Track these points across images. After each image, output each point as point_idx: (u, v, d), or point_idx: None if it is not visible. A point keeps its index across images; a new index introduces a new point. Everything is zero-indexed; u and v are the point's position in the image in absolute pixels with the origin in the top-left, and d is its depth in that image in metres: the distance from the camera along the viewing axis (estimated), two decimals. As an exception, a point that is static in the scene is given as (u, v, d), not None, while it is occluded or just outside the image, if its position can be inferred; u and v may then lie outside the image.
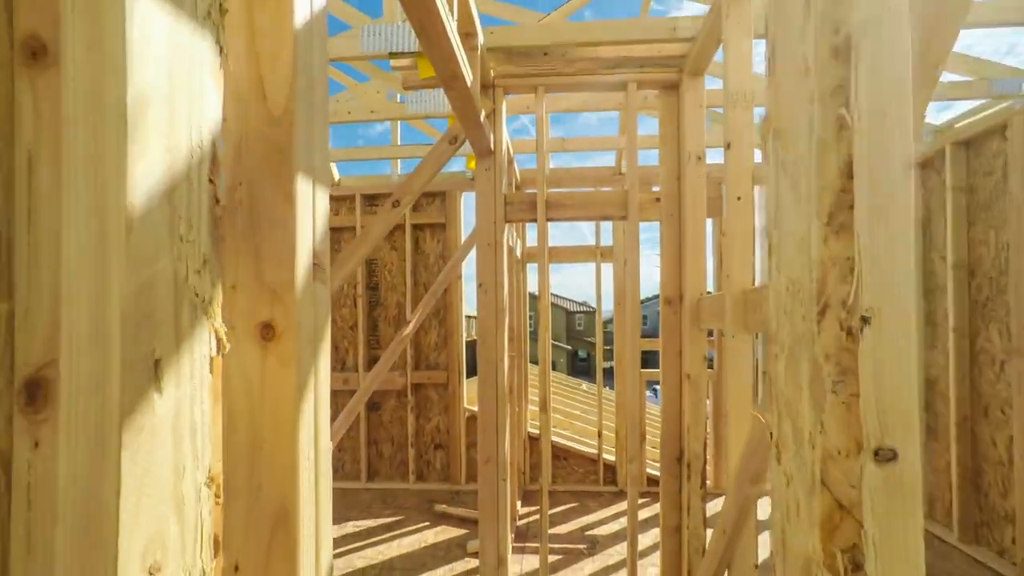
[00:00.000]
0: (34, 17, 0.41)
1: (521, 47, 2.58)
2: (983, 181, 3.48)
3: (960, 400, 3.57)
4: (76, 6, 0.36)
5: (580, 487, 4.94)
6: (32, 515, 0.39)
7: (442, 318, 5.10)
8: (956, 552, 3.48)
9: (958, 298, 3.59)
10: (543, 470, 3.00)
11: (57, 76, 0.40)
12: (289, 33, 0.67)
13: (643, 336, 3.64)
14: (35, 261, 0.40)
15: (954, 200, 3.61)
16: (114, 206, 0.35)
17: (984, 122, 3.39)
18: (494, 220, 2.70)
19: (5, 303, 0.41)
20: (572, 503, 4.57)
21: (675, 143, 2.70)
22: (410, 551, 3.68)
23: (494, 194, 2.69)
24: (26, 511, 0.40)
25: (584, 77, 2.74)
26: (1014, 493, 3.16)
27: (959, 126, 3.59)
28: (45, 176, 0.41)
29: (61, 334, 0.39)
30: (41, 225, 0.40)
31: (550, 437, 3.93)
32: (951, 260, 3.61)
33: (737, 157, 1.84)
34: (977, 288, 3.53)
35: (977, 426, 3.52)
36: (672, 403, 2.74)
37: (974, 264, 3.55)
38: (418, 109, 3.24)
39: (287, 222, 0.66)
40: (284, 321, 0.66)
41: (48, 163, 0.41)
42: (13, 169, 0.41)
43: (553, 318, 25.14)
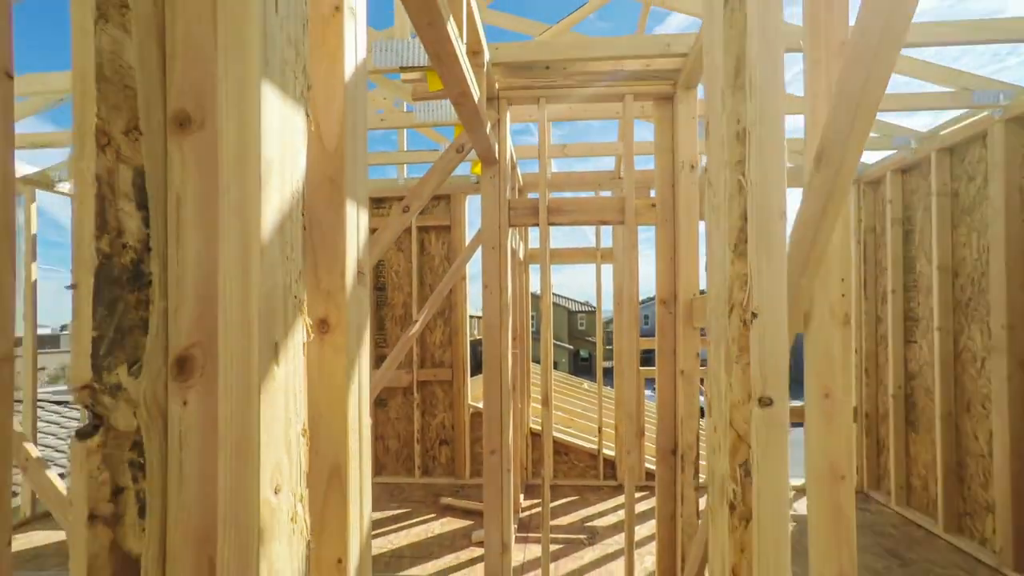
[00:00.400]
0: (181, 98, 0.57)
1: (524, 62, 2.75)
2: (966, 186, 3.64)
3: (944, 396, 3.72)
4: (228, 97, 0.52)
5: (580, 481, 5.10)
6: (183, 453, 0.56)
7: (447, 317, 5.27)
8: (940, 541, 3.63)
9: (942, 298, 3.75)
10: (545, 463, 3.16)
11: (199, 139, 0.57)
12: (340, 85, 0.83)
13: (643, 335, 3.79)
14: (183, 273, 0.57)
15: (939, 204, 3.77)
16: (254, 237, 0.51)
17: (966, 130, 3.54)
18: (499, 225, 2.86)
19: (163, 301, 0.57)
20: (573, 496, 4.73)
21: (669, 152, 2.86)
22: (418, 540, 3.84)
23: (498, 200, 2.85)
24: (178, 450, 0.56)
25: (584, 89, 2.91)
26: (994, 484, 3.31)
27: (943, 133, 3.75)
28: (189, 211, 0.57)
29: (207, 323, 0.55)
30: (186, 247, 0.57)
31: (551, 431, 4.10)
32: (936, 262, 3.76)
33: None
34: (960, 288, 3.68)
35: (960, 420, 3.67)
36: (667, 398, 2.90)
37: (957, 265, 3.70)
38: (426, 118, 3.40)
39: (338, 238, 0.83)
40: (336, 317, 0.82)
41: (191, 202, 0.57)
42: (166, 209, 0.57)
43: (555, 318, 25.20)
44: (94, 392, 0.51)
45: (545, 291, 2.96)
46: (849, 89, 0.91)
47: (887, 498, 4.38)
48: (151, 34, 0.55)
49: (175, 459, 0.56)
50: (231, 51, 0.52)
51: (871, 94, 0.94)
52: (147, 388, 0.54)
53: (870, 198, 4.64)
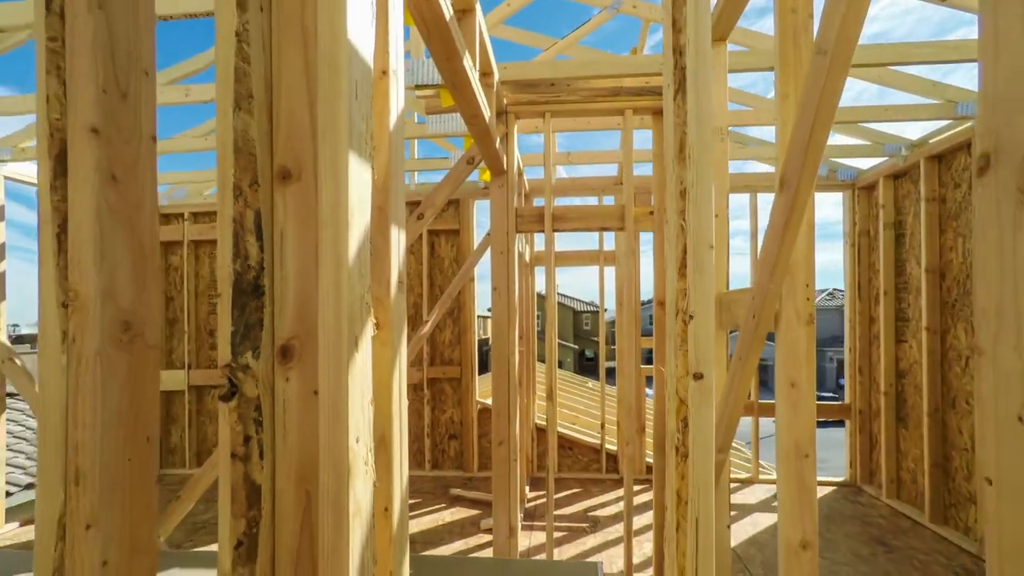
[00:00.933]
0: (284, 158, 0.79)
1: (530, 80, 2.96)
2: (952, 193, 3.81)
3: (932, 393, 3.90)
4: (326, 162, 0.73)
5: (584, 475, 5.31)
6: (286, 415, 0.77)
7: (456, 317, 5.49)
8: (926, 531, 3.81)
9: (930, 299, 3.93)
10: (550, 453, 3.37)
11: (297, 189, 0.78)
12: (386, 134, 1.05)
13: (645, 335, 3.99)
14: (284, 287, 0.78)
15: (927, 210, 3.94)
16: (343, 262, 0.72)
17: (953, 139, 3.72)
18: (507, 231, 3.07)
19: (271, 306, 0.78)
20: (576, 488, 4.94)
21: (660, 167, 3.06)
22: (429, 528, 4.07)
23: (507, 208, 3.06)
24: (282, 413, 0.77)
25: (586, 104, 3.11)
26: (976, 477, 3.48)
27: (932, 142, 3.92)
28: (289, 241, 0.78)
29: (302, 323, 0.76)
30: (287, 267, 0.78)
31: (556, 423, 4.30)
32: (924, 264, 3.94)
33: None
34: (947, 290, 3.86)
35: (947, 416, 3.85)
36: (657, 388, 3.10)
37: (944, 268, 3.88)
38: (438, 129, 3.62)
39: (385, 255, 1.04)
40: (383, 318, 1.04)
41: (290, 235, 0.79)
42: (272, 239, 0.79)
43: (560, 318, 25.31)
44: (232, 369, 0.73)
45: (550, 293, 3.17)
46: (800, 135, 1.12)
47: (878, 491, 4.56)
48: (265, 115, 0.76)
49: (280, 419, 0.77)
50: (328, 129, 0.73)
51: (817, 137, 1.14)
52: (263, 368, 0.75)
53: (864, 203, 4.82)
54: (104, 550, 0.70)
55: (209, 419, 5.68)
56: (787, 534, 1.47)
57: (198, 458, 5.63)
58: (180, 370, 5.63)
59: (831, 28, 1.03)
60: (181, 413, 5.65)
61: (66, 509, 0.70)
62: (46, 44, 0.71)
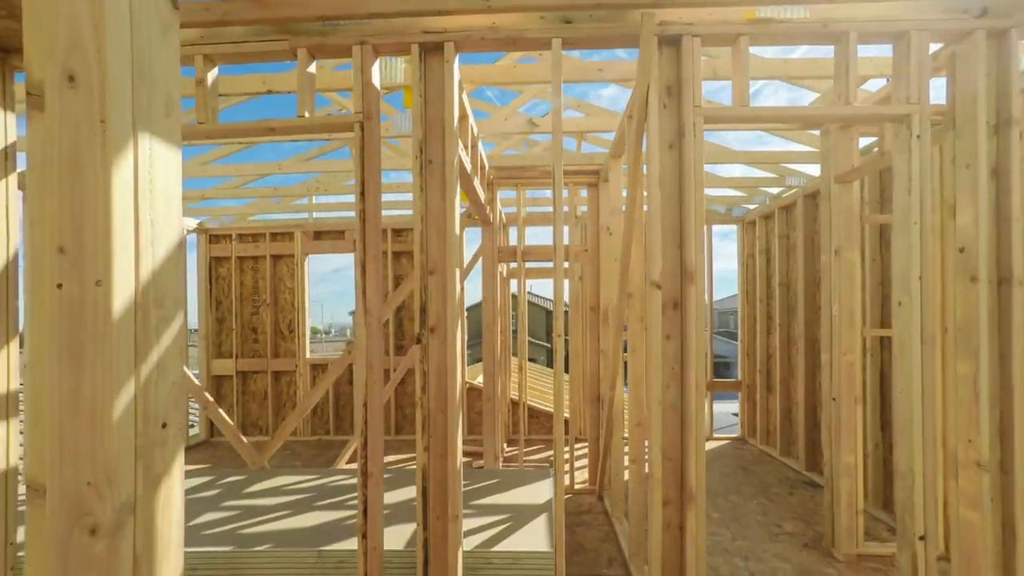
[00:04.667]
0: (432, 263, 2.42)
1: (508, 167, 4.60)
2: (792, 232, 5.63)
3: (783, 368, 5.71)
4: (449, 268, 2.36)
5: (547, 436, 6.98)
6: (430, 365, 2.41)
7: (449, 317, 7.08)
8: (776, 462, 5.61)
9: (782, 305, 5.74)
10: (521, 416, 5.02)
11: (437, 278, 2.42)
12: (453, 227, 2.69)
13: (587, 329, 5.67)
14: (432, 308, 2.42)
15: (779, 243, 5.75)
16: (453, 300, 2.35)
17: (791, 197, 5.53)
18: (493, 262, 4.71)
19: (428, 314, 2.43)
20: (541, 446, 6.61)
21: (596, 219, 4.75)
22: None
23: (493, 248, 4.71)
24: (424, 381, 2.42)
25: (545, 180, 4.77)
26: (800, 424, 5.30)
27: (782, 197, 5.73)
28: (432, 294, 2.42)
29: (439, 319, 2.40)
30: (433, 302, 2.42)
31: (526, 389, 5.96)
32: (777, 281, 5.75)
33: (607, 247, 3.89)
34: (791, 298, 5.67)
35: (791, 383, 5.66)
36: (593, 367, 4.80)
37: (789, 283, 5.69)
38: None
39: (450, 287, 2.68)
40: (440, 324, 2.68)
41: (433, 292, 2.43)
42: (428, 292, 2.43)
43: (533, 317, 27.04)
44: (420, 334, 2.36)
45: (521, 299, 4.82)
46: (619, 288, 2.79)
47: (756, 441, 6.38)
48: (421, 246, 2.39)
49: (429, 350, 2.42)
50: (444, 256, 2.37)
51: (627, 276, 2.83)
52: (427, 335, 2.39)
53: (749, 234, 6.63)
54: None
55: (252, 398, 7.14)
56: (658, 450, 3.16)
57: (244, 430, 7.08)
58: (229, 359, 7.07)
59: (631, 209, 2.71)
60: (229, 393, 7.10)
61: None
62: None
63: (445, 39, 2.36)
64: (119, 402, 0.82)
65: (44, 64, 0.82)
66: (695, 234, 2.28)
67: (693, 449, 2.31)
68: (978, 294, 2.24)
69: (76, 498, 0.80)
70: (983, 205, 2.24)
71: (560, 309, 2.51)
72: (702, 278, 2.33)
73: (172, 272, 0.93)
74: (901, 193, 2.31)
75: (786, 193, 5.66)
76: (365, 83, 2.37)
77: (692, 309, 2.32)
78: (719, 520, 4.01)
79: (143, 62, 0.87)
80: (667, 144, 2.36)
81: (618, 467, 4.12)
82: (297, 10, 2.33)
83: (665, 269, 2.36)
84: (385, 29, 2.37)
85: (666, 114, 2.36)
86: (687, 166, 2.30)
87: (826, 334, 3.44)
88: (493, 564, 2.82)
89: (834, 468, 3.31)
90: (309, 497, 3.76)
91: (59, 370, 0.80)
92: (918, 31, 2.24)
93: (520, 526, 3.16)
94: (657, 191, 2.33)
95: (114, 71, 0.82)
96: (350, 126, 2.40)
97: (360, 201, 2.38)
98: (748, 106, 2.32)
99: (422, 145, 2.39)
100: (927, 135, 2.25)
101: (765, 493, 4.65)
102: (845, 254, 3.27)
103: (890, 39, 2.33)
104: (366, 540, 2.39)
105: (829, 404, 3.39)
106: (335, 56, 2.53)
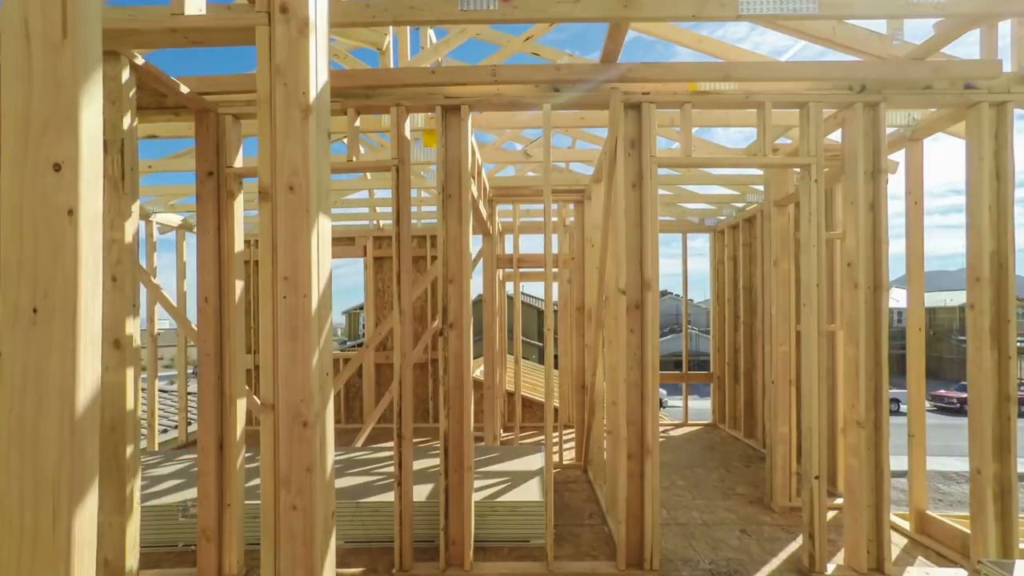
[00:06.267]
0: (451, 274, 3.16)
1: (507, 187, 5.33)
2: (753, 242, 6.42)
3: (746, 360, 6.50)
4: (465, 275, 3.09)
5: (539, 424, 7.73)
6: (449, 352, 3.15)
7: (451, 317, 7.82)
8: (741, 443, 6.40)
9: (745, 305, 6.53)
10: (516, 405, 5.76)
11: (455, 285, 3.15)
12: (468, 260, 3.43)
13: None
14: (450, 308, 3.16)
15: (743, 251, 6.55)
16: (467, 303, 3.09)
17: (752, 211, 6.32)
18: (493, 268, 5.45)
19: (448, 313, 3.17)
20: (533, 431, 7.35)
21: (582, 231, 5.50)
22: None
23: (492, 256, 5.44)
24: (445, 365, 3.16)
25: (538, 197, 5.51)
26: (760, 409, 6.08)
27: (746, 210, 6.53)
28: (452, 300, 3.16)
29: (457, 317, 3.14)
30: (452, 303, 3.16)
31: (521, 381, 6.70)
32: (741, 284, 6.54)
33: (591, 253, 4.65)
34: (753, 299, 6.46)
35: (754, 374, 6.45)
36: (579, 360, 5.55)
37: (751, 286, 6.48)
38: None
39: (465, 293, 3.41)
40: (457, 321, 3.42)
41: (453, 297, 3.16)
42: (449, 297, 3.16)
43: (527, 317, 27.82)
44: (442, 328, 3.09)
45: (516, 301, 5.56)
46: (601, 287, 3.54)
47: (725, 426, 7.18)
48: (445, 268, 3.13)
49: (448, 341, 3.16)
50: (461, 273, 3.10)
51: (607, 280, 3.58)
52: (447, 330, 3.13)
53: (720, 242, 7.42)
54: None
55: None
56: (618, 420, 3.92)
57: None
58: (250, 355, 7.74)
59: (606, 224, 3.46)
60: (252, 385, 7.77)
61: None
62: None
63: (461, 102, 3.10)
64: (313, 359, 1.56)
65: (273, 179, 1.55)
66: (651, 253, 3.04)
67: (650, 416, 3.07)
68: (859, 297, 3.02)
69: (294, 407, 1.53)
70: (862, 231, 3.02)
71: (550, 310, 3.25)
72: (657, 286, 3.09)
73: (329, 290, 1.67)
74: (804, 222, 3.08)
75: (748, 207, 6.45)
76: (400, 136, 3.10)
77: (649, 309, 3.08)
78: (684, 486, 4.78)
79: (321, 176, 1.60)
80: (631, 184, 3.11)
81: (598, 443, 4.86)
82: (348, 81, 3.06)
83: (629, 279, 3.11)
84: (415, 95, 3.10)
85: (630, 160, 3.11)
86: (646, 202, 3.05)
87: (767, 329, 4.21)
88: (497, 511, 3.56)
89: (772, 438, 4.08)
90: (340, 467, 4.48)
91: (284, 342, 1.54)
92: (815, 102, 3.02)
93: (517, 485, 3.90)
94: (622, 219, 3.08)
95: (312, 183, 1.55)
96: (388, 168, 3.13)
97: (396, 226, 3.11)
98: (690, 156, 3.08)
99: (443, 184, 3.12)
100: (822, 179, 3.02)
101: (726, 466, 5.43)
102: (780, 264, 4.05)
103: (795, 107, 3.10)
104: (400, 487, 3.12)
105: (769, 387, 4.16)
106: (376, 113, 3.26)
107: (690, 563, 3.24)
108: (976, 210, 2.98)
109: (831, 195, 4.28)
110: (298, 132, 1.53)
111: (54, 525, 0.78)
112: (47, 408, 0.79)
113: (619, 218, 3.10)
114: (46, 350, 0.77)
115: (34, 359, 0.77)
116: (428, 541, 3.48)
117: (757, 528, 3.77)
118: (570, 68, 2.99)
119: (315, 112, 1.57)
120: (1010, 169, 2.95)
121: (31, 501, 0.78)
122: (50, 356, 0.78)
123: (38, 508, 0.79)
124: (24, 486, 0.77)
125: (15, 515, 0.78)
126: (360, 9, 2.52)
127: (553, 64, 3.05)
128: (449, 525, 3.14)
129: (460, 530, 3.14)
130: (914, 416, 3.58)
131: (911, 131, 3.51)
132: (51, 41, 0.86)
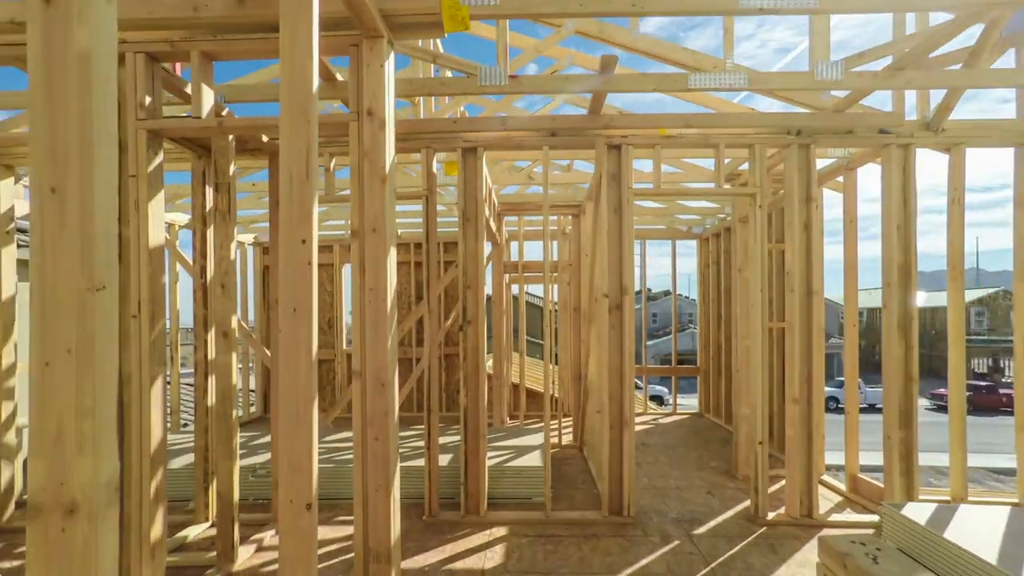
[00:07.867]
0: (468, 279, 3.95)
1: (512, 203, 6.12)
2: (732, 251, 7.18)
3: (727, 356, 7.26)
4: (479, 283, 3.88)
5: (541, 413, 8.50)
6: (468, 343, 3.95)
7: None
8: (722, 428, 7.16)
9: (726, 305, 7.29)
10: (521, 395, 6.55)
11: (473, 327, 3.94)
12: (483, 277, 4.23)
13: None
14: (468, 308, 3.95)
15: (724, 257, 7.31)
16: (482, 305, 3.87)
17: (731, 221, 7.07)
18: (501, 272, 6.24)
19: (467, 313, 3.96)
20: (535, 419, 8.13)
21: (578, 241, 6.28)
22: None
23: (500, 262, 6.23)
24: (464, 355, 3.95)
25: (539, 211, 6.29)
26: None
27: (726, 220, 7.28)
28: (470, 302, 3.95)
29: (473, 314, 3.93)
30: (470, 306, 3.96)
31: (526, 372, 7.48)
32: (723, 287, 7.31)
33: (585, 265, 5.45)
34: (731, 303, 7.22)
35: (733, 367, 7.20)
36: (575, 355, 6.33)
37: (731, 291, 7.24)
38: (460, 214, 6.76)
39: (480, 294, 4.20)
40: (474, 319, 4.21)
41: (471, 301, 3.95)
42: (467, 299, 3.96)
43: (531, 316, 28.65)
44: (462, 324, 3.88)
45: (521, 302, 6.34)
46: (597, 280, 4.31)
47: (710, 415, 7.94)
48: (463, 279, 3.92)
49: (467, 335, 3.95)
50: (476, 283, 3.89)
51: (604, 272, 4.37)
52: (467, 326, 3.93)
53: (705, 249, 8.18)
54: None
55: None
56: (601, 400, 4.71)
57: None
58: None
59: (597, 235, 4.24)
60: (280, 380, 8.58)
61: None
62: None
63: (477, 145, 3.88)
64: (389, 342, 2.35)
65: (362, 224, 2.35)
66: (629, 265, 3.82)
67: (628, 395, 3.84)
68: (795, 300, 3.78)
69: (376, 374, 2.33)
70: (797, 246, 3.78)
71: (549, 311, 4.02)
72: (633, 291, 3.87)
73: (394, 298, 2.46)
74: (751, 239, 3.85)
75: (727, 219, 7.21)
76: (428, 172, 3.89)
77: (627, 310, 3.86)
78: (666, 462, 5.55)
79: (391, 222, 2.40)
80: (613, 209, 3.89)
81: (591, 424, 5.64)
82: (388, 128, 3.85)
83: (611, 286, 3.88)
84: (440, 139, 3.89)
85: (611, 190, 3.89)
86: (625, 224, 3.83)
87: (734, 327, 4.98)
88: (506, 474, 4.35)
89: (736, 418, 4.85)
90: (372, 443, 5.28)
91: (370, 331, 2.34)
92: (760, 144, 3.79)
93: (521, 456, 4.69)
94: (605, 238, 3.86)
95: (387, 227, 2.35)
96: (420, 196, 3.92)
97: (425, 243, 3.90)
98: (659, 188, 3.85)
99: (463, 210, 3.91)
100: (765, 205, 3.79)
101: (705, 447, 6.20)
102: (743, 271, 4.81)
103: (745, 147, 3.87)
104: (429, 451, 3.90)
105: (735, 374, 4.92)
106: (407, 153, 4.05)
107: (661, 514, 4.02)
108: (888, 230, 3.75)
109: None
110: (378, 193, 2.32)
111: (301, 413, 1.60)
112: (299, 357, 1.59)
113: (603, 237, 3.89)
114: (300, 329, 1.58)
115: (294, 333, 1.58)
116: (449, 498, 4.27)
117: (721, 490, 4.55)
118: (564, 119, 3.78)
119: (388, 179, 2.36)
120: (913, 197, 3.71)
121: (292, 399, 1.59)
122: (300, 331, 1.58)
123: (297, 403, 1.59)
124: (295, 391, 1.61)
125: (291, 405, 1.59)
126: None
127: (550, 116, 3.84)
128: (468, 482, 3.93)
129: (476, 486, 3.93)
130: (849, 397, 4.35)
131: (847, 161, 4.28)
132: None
